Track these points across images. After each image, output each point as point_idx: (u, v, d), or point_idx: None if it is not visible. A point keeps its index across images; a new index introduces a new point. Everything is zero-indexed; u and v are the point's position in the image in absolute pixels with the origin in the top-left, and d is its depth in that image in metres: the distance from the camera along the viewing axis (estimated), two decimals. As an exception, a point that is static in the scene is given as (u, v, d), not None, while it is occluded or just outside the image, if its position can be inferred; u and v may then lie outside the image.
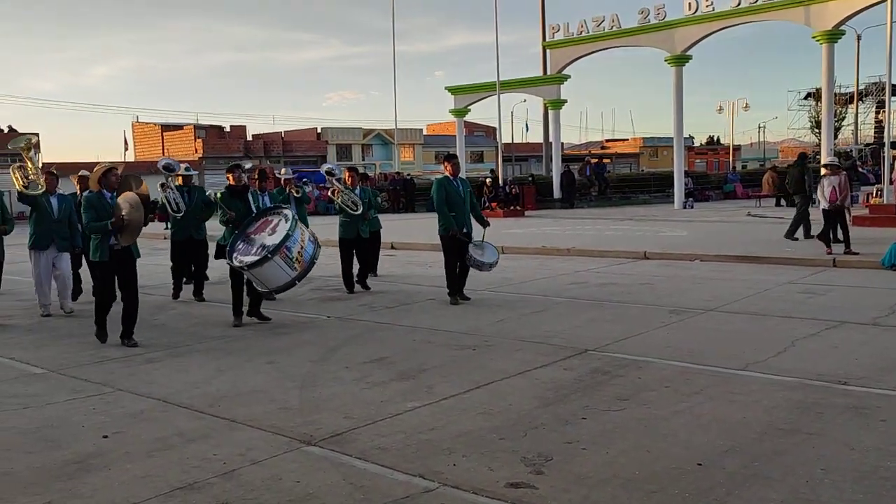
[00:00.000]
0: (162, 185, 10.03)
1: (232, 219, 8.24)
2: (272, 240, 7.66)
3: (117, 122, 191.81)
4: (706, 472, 3.90)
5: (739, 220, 20.96)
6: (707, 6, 24.09)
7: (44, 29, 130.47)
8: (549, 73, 29.79)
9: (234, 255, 7.82)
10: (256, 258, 7.58)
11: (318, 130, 58.45)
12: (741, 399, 5.15)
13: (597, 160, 38.00)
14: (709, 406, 5.03)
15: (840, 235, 12.35)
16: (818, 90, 26.97)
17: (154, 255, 16.72)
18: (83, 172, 10.02)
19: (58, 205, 9.07)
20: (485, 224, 9.59)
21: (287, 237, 7.61)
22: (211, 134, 55.43)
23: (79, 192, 9.84)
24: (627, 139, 74.44)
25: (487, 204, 25.52)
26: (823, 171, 13.10)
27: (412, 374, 6.01)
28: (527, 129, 64.17)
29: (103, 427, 4.85)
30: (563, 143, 36.08)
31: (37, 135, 10.23)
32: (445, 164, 9.47)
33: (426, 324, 8.02)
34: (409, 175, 35.07)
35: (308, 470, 4.08)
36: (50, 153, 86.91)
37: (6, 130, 44.46)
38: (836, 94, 32.66)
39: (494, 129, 37.49)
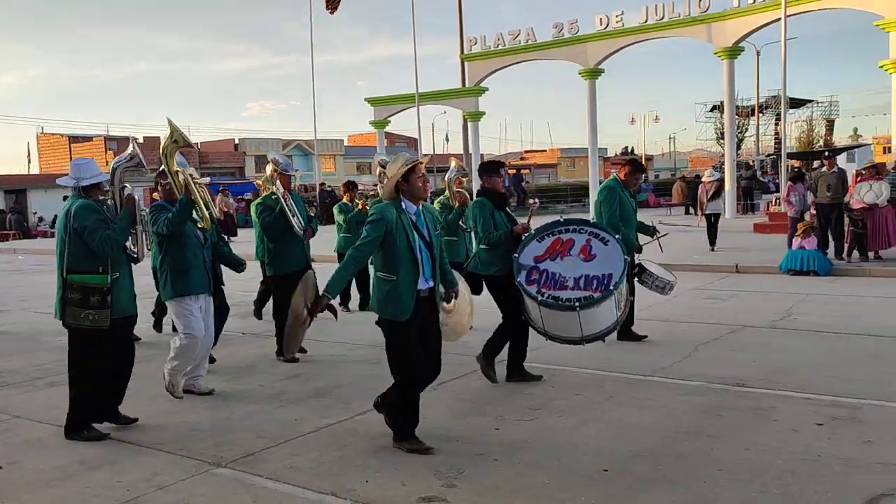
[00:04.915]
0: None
1: (502, 239, 5.91)
2: (598, 268, 5.65)
3: (21, 134, 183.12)
4: (612, 478, 4.03)
5: (651, 228, 21.62)
6: (617, 22, 24.87)
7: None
8: (467, 85, 30.09)
9: (536, 288, 5.68)
10: (593, 293, 5.56)
11: (236, 141, 57.30)
12: (648, 404, 5.34)
13: (514, 171, 38.61)
14: (617, 413, 5.19)
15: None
16: (722, 103, 28.26)
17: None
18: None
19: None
20: (652, 232, 7.43)
21: (626, 265, 5.72)
22: (122, 145, 53.47)
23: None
24: (546, 150, 75.94)
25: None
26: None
27: (328, 391, 5.97)
28: (447, 140, 64.53)
29: (-1, 457, 4.62)
30: (482, 155, 36.49)
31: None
32: (622, 168, 7.26)
33: (346, 338, 7.96)
34: (330, 187, 34.78)
35: (217, 493, 4.00)
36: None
37: None
38: (738, 106, 34.25)
39: (416, 139, 37.67)
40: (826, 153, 16.89)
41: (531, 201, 6.26)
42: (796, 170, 17.59)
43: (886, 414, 4.93)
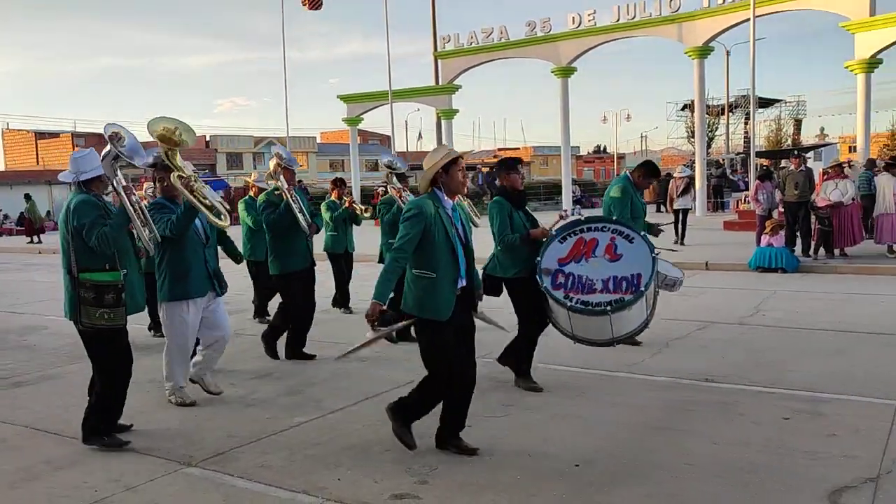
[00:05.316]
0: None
1: (517, 242, 5.59)
2: (626, 268, 5.40)
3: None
4: (582, 473, 4.07)
5: (623, 226, 21.82)
6: (589, 21, 25.07)
7: None
8: (440, 82, 30.11)
9: (563, 292, 5.42)
10: (623, 296, 5.31)
11: (207, 138, 56.73)
12: (618, 400, 5.39)
13: (488, 169, 38.73)
14: (588, 408, 5.24)
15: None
16: (693, 102, 28.61)
17: (24, 271, 15.77)
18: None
19: (202, 218, 5.38)
20: (656, 231, 7.13)
21: (655, 262, 5.45)
22: (90, 142, 52.75)
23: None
24: (519, 148, 76.12)
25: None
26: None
27: (300, 389, 5.95)
28: (419, 138, 64.47)
29: (-38, 459, 4.54)
30: (455, 152, 36.46)
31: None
32: (637, 169, 7.06)
33: (317, 336, 7.92)
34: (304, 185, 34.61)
35: (187, 493, 3.97)
36: None
37: None
38: (708, 105, 34.81)
39: (389, 137, 37.59)
40: (794, 152, 17.18)
41: (564, 211, 6.05)
42: (765, 168, 17.88)
43: (849, 408, 5.02)
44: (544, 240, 5.59)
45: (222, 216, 5.31)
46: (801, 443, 4.39)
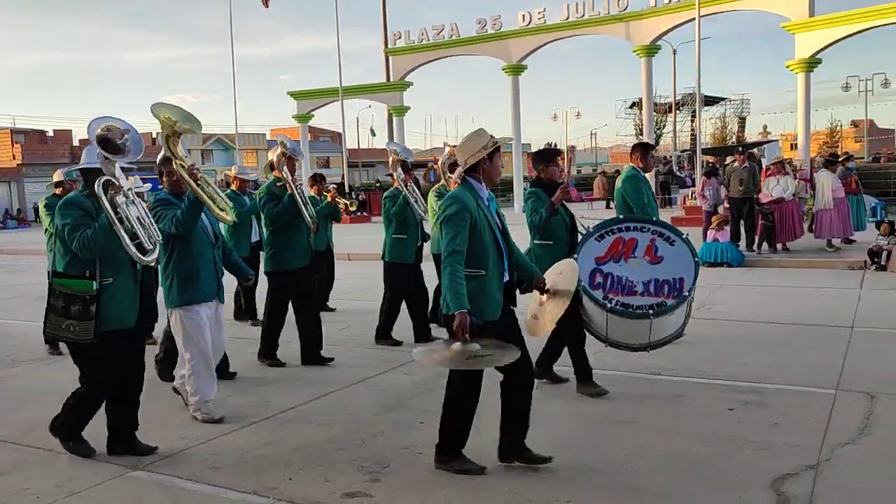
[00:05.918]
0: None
1: (546, 213, 5.46)
2: (668, 272, 5.15)
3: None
4: (536, 467, 4.10)
5: (574, 222, 22.09)
6: (539, 19, 25.27)
7: None
8: (391, 79, 30.00)
9: (602, 293, 5.19)
10: (665, 300, 5.08)
11: (154, 135, 55.49)
12: (569, 394, 5.47)
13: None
14: (540, 403, 5.21)
15: None
16: (641, 100, 29.08)
17: (-38, 272, 15.21)
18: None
19: (209, 217, 5.12)
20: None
21: (697, 267, 5.20)
22: (31, 139, 51.20)
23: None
24: (471, 145, 76.23)
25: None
26: None
27: (251, 389, 5.87)
28: (373, 135, 63.97)
29: None
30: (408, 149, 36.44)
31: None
32: (634, 156, 6.59)
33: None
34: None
35: (134, 497, 3.88)
36: None
37: None
38: (656, 103, 35.32)
39: (340, 134, 37.29)
40: (739, 149, 17.55)
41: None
42: (711, 165, 18.25)
43: (791, 397, 5.18)
44: (581, 238, 5.41)
45: (226, 211, 5.03)
46: (747, 433, 4.50)
